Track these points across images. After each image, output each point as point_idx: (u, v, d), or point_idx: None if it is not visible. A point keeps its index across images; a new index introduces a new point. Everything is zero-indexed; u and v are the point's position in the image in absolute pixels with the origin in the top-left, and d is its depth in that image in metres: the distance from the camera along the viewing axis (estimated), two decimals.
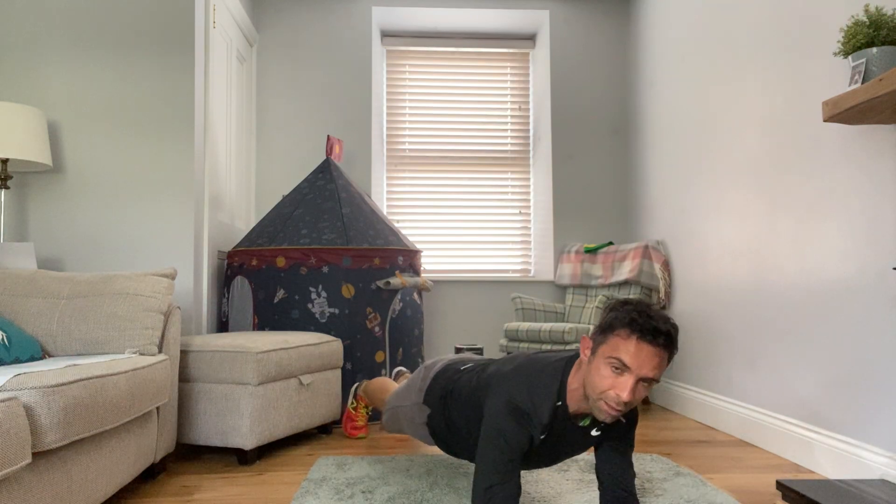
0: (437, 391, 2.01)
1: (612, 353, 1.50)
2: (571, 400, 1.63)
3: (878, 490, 1.88)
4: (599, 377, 1.52)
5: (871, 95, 1.78)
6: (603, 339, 1.53)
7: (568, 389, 1.63)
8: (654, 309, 1.52)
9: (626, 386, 1.48)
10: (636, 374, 1.48)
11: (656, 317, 1.49)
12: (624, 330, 1.49)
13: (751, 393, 2.85)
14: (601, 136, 4.43)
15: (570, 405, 1.63)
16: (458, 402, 1.90)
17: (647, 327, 1.47)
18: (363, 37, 4.36)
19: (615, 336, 1.50)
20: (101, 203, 3.03)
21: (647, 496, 2.05)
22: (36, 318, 2.21)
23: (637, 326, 1.48)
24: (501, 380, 1.70)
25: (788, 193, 2.59)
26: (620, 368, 1.49)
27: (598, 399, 1.53)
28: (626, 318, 1.50)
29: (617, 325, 1.51)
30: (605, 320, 1.55)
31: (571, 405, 1.63)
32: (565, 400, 1.63)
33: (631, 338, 1.48)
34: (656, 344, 1.48)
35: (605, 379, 1.51)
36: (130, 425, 2.00)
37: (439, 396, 1.99)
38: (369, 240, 3.32)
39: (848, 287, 2.25)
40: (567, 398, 1.63)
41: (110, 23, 3.07)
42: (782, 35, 2.64)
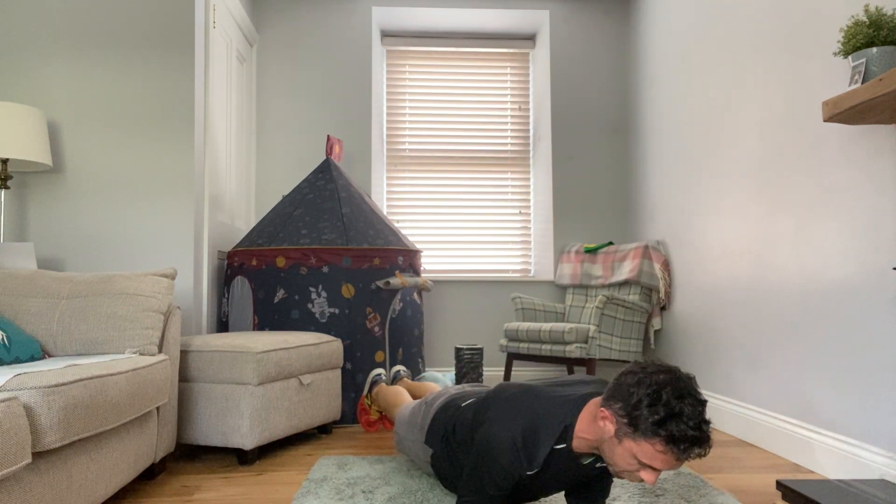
0: (438, 431, 1.94)
1: (643, 457, 1.39)
2: (578, 444, 1.54)
3: (878, 490, 1.88)
4: (624, 462, 1.43)
5: (871, 95, 1.78)
6: (633, 434, 1.39)
7: (575, 435, 1.54)
8: (688, 401, 1.36)
9: (652, 478, 1.41)
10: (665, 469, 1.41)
11: (692, 420, 1.34)
12: (659, 443, 1.36)
13: (751, 393, 2.85)
14: (601, 136, 4.43)
15: (575, 447, 1.55)
16: (460, 439, 1.83)
17: (685, 446, 1.34)
18: (363, 37, 4.36)
19: (648, 443, 1.37)
20: (101, 203, 3.03)
21: (647, 496, 2.05)
22: (36, 318, 2.21)
23: (678, 446, 1.35)
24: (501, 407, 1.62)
25: (788, 193, 2.59)
26: (650, 467, 1.41)
27: (618, 472, 1.47)
28: (661, 430, 1.35)
29: (649, 433, 1.36)
30: (631, 407, 1.38)
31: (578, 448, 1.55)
32: (570, 444, 1.54)
33: (668, 454, 1.37)
34: (693, 456, 1.38)
35: (631, 465, 1.43)
36: (130, 425, 2.00)
37: (441, 436, 1.92)
38: (369, 240, 3.32)
39: (848, 287, 2.25)
40: (573, 442, 1.54)
41: (110, 23, 3.07)
42: (782, 35, 2.64)
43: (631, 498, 2.03)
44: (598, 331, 3.49)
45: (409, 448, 2.16)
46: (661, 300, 3.74)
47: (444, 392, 2.07)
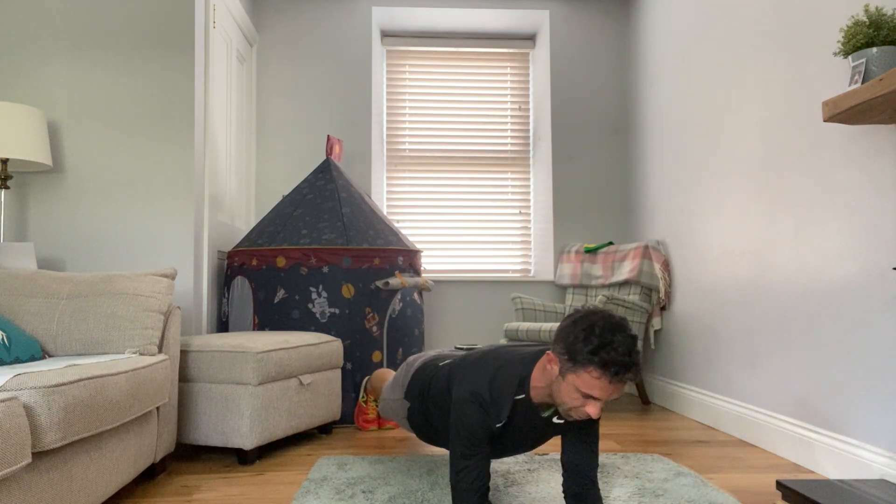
0: (416, 387, 2.11)
1: (582, 387, 1.56)
2: (535, 394, 1.71)
3: (878, 490, 1.88)
4: (569, 398, 1.59)
5: (871, 95, 1.78)
6: (571, 367, 1.57)
7: (532, 385, 1.71)
8: (618, 335, 1.53)
9: (596, 409, 1.57)
10: (604, 398, 1.57)
11: (621, 347, 1.52)
12: (594, 369, 1.53)
13: (751, 393, 2.85)
14: (601, 136, 4.43)
15: (534, 398, 1.72)
16: (434, 395, 2.00)
17: (617, 369, 1.52)
18: (363, 37, 4.36)
19: (585, 372, 1.54)
20: (101, 203, 3.03)
21: (647, 496, 2.05)
22: (36, 318, 2.21)
23: (607, 368, 1.52)
24: (466, 370, 1.80)
25: (788, 193, 2.59)
26: (590, 397, 1.57)
27: (567, 410, 1.62)
28: (595, 357, 1.52)
29: (585, 361, 1.53)
30: (570, 344, 1.57)
31: (536, 398, 1.72)
32: (528, 394, 1.72)
33: (602, 378, 1.53)
34: (624, 380, 1.55)
35: (575, 400, 1.59)
36: (130, 425, 2.00)
37: (418, 392, 2.09)
38: (369, 240, 3.32)
39: (848, 287, 2.25)
40: (531, 392, 1.72)
41: (110, 23, 3.07)
42: (782, 35, 2.64)
43: (631, 498, 2.03)
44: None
45: (390, 408, 2.29)
46: (661, 300, 3.74)
47: (424, 354, 2.25)
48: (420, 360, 2.20)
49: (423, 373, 2.11)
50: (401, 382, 2.22)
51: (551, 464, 2.44)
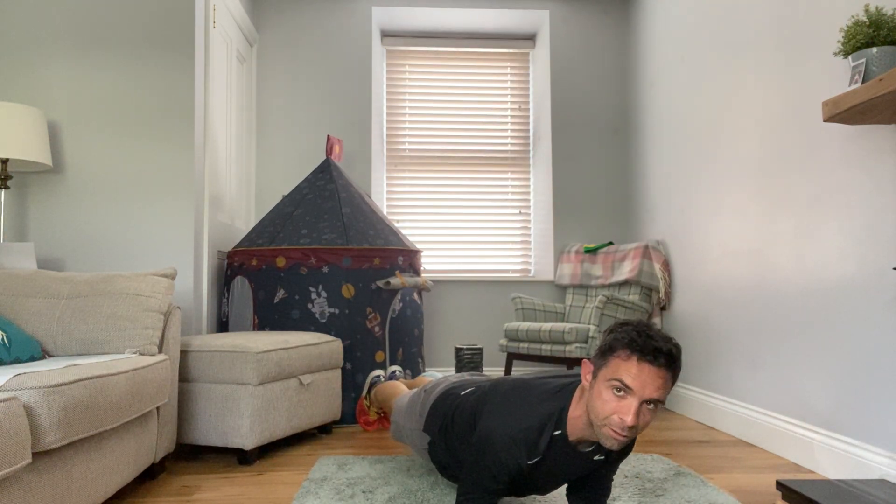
0: (436, 419, 1.95)
1: (612, 375, 1.45)
2: (573, 428, 1.58)
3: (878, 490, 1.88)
4: (602, 402, 1.47)
5: (871, 95, 1.78)
6: (603, 361, 1.49)
7: (570, 417, 1.58)
8: (655, 329, 1.48)
9: (629, 409, 1.43)
10: (639, 397, 1.43)
11: (657, 336, 1.45)
12: (624, 351, 1.45)
13: (751, 393, 2.85)
14: (601, 136, 4.43)
15: (571, 433, 1.58)
16: (459, 431, 1.85)
17: (647, 347, 1.43)
18: (363, 37, 4.36)
19: (615, 357, 1.46)
20: (101, 203, 3.03)
21: (648, 496, 2.05)
22: (36, 318, 2.21)
23: (637, 346, 1.43)
24: (496, 403, 1.66)
25: (788, 193, 2.59)
26: (623, 391, 1.44)
27: (602, 425, 1.48)
28: (625, 338, 1.45)
29: (617, 346, 1.46)
30: (604, 343, 1.51)
31: (573, 433, 1.58)
32: (565, 429, 1.59)
33: (631, 358, 1.43)
34: (658, 364, 1.43)
35: (608, 403, 1.45)
36: (130, 425, 2.00)
37: (439, 425, 1.94)
38: (369, 240, 3.32)
39: (848, 287, 2.25)
40: (568, 427, 1.58)
41: (110, 23, 3.07)
42: (782, 35, 2.64)
43: (631, 498, 2.03)
44: (598, 331, 3.49)
45: (406, 436, 2.15)
46: (661, 300, 3.74)
47: (444, 380, 2.07)
48: (440, 387, 2.03)
49: (445, 403, 1.94)
50: (418, 412, 2.05)
51: None
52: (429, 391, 2.06)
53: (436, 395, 2.00)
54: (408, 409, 2.15)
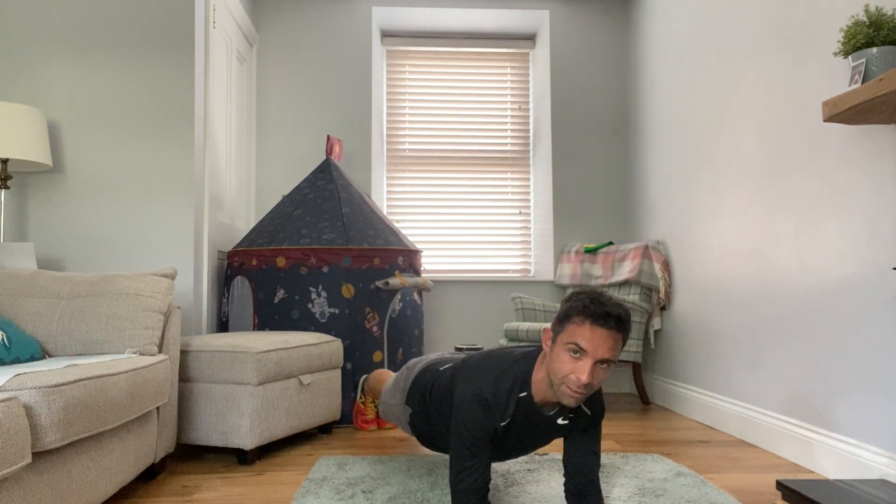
0: (417, 393, 2.09)
1: (568, 339, 1.60)
2: (537, 390, 1.73)
3: (878, 490, 1.88)
4: (560, 363, 1.62)
5: (871, 95, 1.78)
6: (561, 327, 1.64)
7: (533, 380, 1.73)
8: (607, 296, 1.63)
9: (584, 369, 1.59)
10: (593, 357, 1.58)
11: (608, 302, 1.60)
12: (578, 317, 1.60)
13: (751, 393, 2.85)
14: (601, 136, 4.43)
15: (535, 395, 1.73)
16: (436, 400, 2.00)
17: (599, 312, 1.58)
18: (363, 37, 4.36)
19: (571, 323, 1.61)
20: (101, 203, 3.03)
21: (648, 496, 2.05)
22: (36, 318, 2.21)
23: (589, 312, 1.58)
24: (468, 372, 1.81)
25: (788, 193, 2.59)
26: (578, 352, 1.59)
27: (560, 384, 1.63)
28: (579, 305, 1.61)
29: (572, 313, 1.61)
30: (561, 310, 1.66)
31: (537, 395, 1.73)
32: (530, 391, 1.73)
33: (585, 323, 1.59)
34: (609, 327, 1.58)
35: (565, 364, 1.61)
36: (130, 425, 2.00)
37: (419, 397, 2.08)
38: (369, 240, 3.32)
39: (848, 287, 2.25)
40: (532, 388, 1.73)
41: (110, 23, 3.07)
42: (782, 35, 2.64)
43: (631, 498, 2.03)
44: None
45: (392, 412, 2.27)
46: (661, 300, 3.74)
47: (424, 359, 2.23)
48: (420, 364, 2.18)
49: (424, 377, 2.09)
50: (401, 387, 2.19)
51: (551, 464, 2.44)
52: (410, 368, 2.21)
53: (417, 371, 2.15)
54: (393, 386, 2.29)
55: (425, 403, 2.05)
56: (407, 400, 2.14)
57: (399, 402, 2.19)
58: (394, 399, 2.24)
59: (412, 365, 2.22)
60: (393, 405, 2.25)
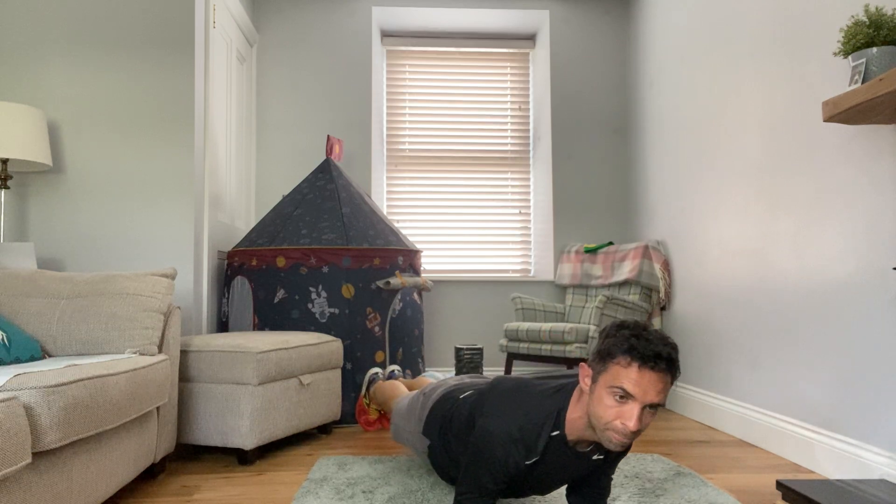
0: (435, 423, 1.96)
1: (613, 382, 1.44)
2: (571, 429, 1.58)
3: (878, 490, 1.88)
4: (603, 407, 1.46)
5: (871, 95, 1.78)
6: (602, 367, 1.48)
7: (568, 419, 1.58)
8: (652, 331, 1.46)
9: (632, 415, 1.43)
10: (641, 402, 1.43)
11: (655, 340, 1.44)
12: (624, 357, 1.43)
13: (751, 393, 2.85)
14: (601, 136, 4.43)
15: (569, 434, 1.59)
16: (456, 431, 1.86)
17: (647, 353, 1.41)
18: (363, 37, 4.36)
19: (615, 364, 1.45)
20: (101, 203, 3.03)
21: (647, 496, 2.05)
22: (36, 318, 2.21)
23: (637, 354, 1.42)
24: (494, 403, 1.66)
25: (788, 193, 2.59)
26: (625, 397, 1.44)
27: (605, 429, 1.47)
28: (624, 344, 1.44)
29: (616, 351, 1.45)
30: (602, 346, 1.49)
31: (571, 434, 1.59)
32: (563, 430, 1.59)
33: (632, 366, 1.42)
34: (659, 369, 1.42)
35: (610, 409, 1.45)
36: (130, 425, 2.00)
37: (438, 428, 1.94)
38: (369, 240, 3.32)
39: (848, 287, 2.25)
40: (566, 428, 1.59)
41: (110, 23, 3.07)
42: (782, 35, 2.64)
43: (631, 498, 2.03)
44: (598, 331, 3.49)
45: (406, 438, 2.17)
46: (661, 300, 3.74)
47: (443, 383, 2.08)
48: (439, 390, 2.03)
49: (443, 406, 1.95)
50: (417, 415, 2.07)
51: None
52: (427, 394, 2.07)
53: (435, 399, 2.01)
54: (407, 411, 2.16)
55: (445, 436, 1.91)
56: (424, 430, 2.00)
57: (415, 431, 2.06)
58: (408, 425, 2.12)
59: (430, 391, 2.08)
60: (408, 432, 2.12)
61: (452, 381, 2.10)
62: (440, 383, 2.09)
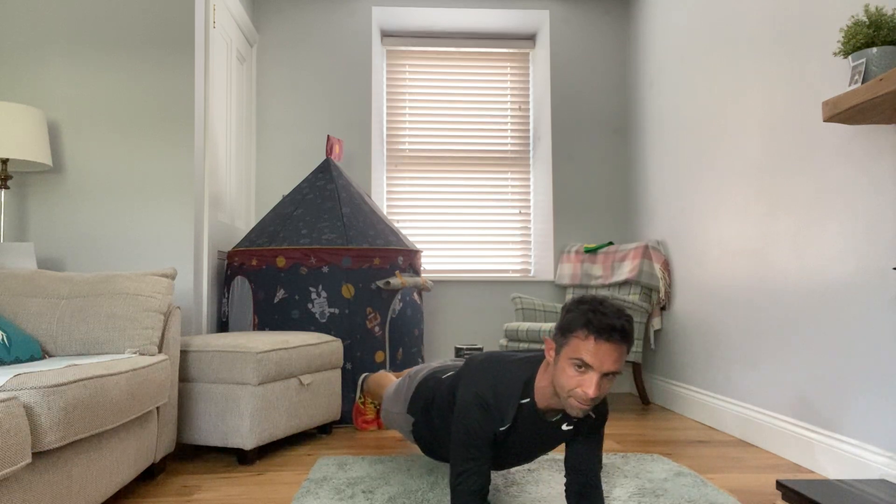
0: (419, 401, 2.08)
1: (573, 354, 1.56)
2: (540, 397, 1.70)
3: (878, 490, 1.88)
4: (566, 377, 1.58)
5: (871, 95, 1.78)
6: (564, 340, 1.60)
7: (536, 387, 1.71)
8: (609, 304, 1.58)
9: (591, 383, 1.55)
10: (599, 371, 1.55)
11: (610, 313, 1.55)
12: (581, 331, 1.55)
13: (751, 393, 2.85)
14: (601, 136, 4.44)
15: (539, 402, 1.71)
16: (438, 408, 1.97)
17: (602, 326, 1.53)
18: (363, 37, 4.36)
19: (574, 337, 1.57)
20: (101, 203, 3.04)
21: (647, 496, 2.05)
22: (36, 318, 2.21)
23: (593, 327, 1.54)
24: (469, 374, 1.78)
25: (788, 193, 2.59)
26: (583, 367, 1.56)
27: (567, 397, 1.60)
28: (581, 318, 1.56)
29: (574, 326, 1.57)
30: (563, 321, 1.61)
31: (541, 402, 1.71)
32: (533, 397, 1.71)
33: (589, 338, 1.54)
34: (613, 340, 1.54)
35: (571, 378, 1.57)
36: (130, 425, 2.00)
37: (422, 407, 2.06)
38: (369, 240, 3.32)
39: (848, 287, 2.25)
40: (535, 395, 1.71)
41: (110, 23, 3.07)
42: (782, 35, 2.64)
43: (631, 498, 2.03)
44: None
45: (394, 419, 2.26)
46: (661, 300, 3.74)
47: (426, 366, 2.21)
48: (423, 372, 2.16)
49: (427, 385, 2.07)
50: (403, 396, 2.18)
51: (551, 464, 2.44)
52: (412, 377, 2.19)
53: (418, 380, 2.14)
54: (395, 394, 2.27)
55: (428, 413, 2.03)
56: (409, 409, 2.12)
57: (401, 411, 2.18)
58: (396, 407, 2.23)
59: (414, 373, 2.20)
60: (395, 413, 2.23)
61: (435, 363, 2.23)
62: (424, 366, 2.23)
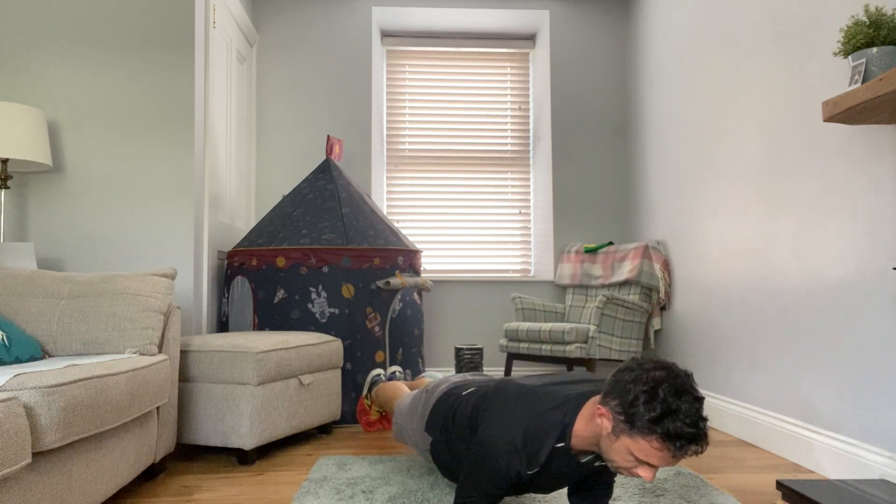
0: (438, 420, 1.95)
1: (639, 454, 1.39)
2: (576, 442, 1.55)
3: (878, 490, 1.88)
4: (622, 459, 1.44)
5: (871, 95, 1.78)
6: (629, 432, 1.40)
7: (574, 432, 1.55)
8: (685, 398, 1.36)
9: (650, 474, 1.41)
10: (661, 466, 1.41)
11: (689, 417, 1.34)
12: (656, 440, 1.36)
13: (751, 393, 2.85)
14: (601, 136, 4.43)
15: (574, 446, 1.56)
16: (459, 430, 1.85)
17: (683, 442, 1.34)
18: (363, 37, 4.36)
19: (644, 441, 1.38)
20: (101, 203, 3.03)
21: (647, 496, 2.05)
22: (36, 318, 2.21)
23: (674, 442, 1.35)
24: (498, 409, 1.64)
25: (788, 193, 2.59)
26: (646, 464, 1.42)
27: (615, 466, 1.47)
28: (657, 427, 1.35)
29: (646, 430, 1.36)
30: (628, 404, 1.39)
31: (576, 446, 1.56)
32: (569, 442, 1.56)
33: (665, 451, 1.37)
34: (690, 452, 1.37)
35: (627, 462, 1.43)
36: (130, 425, 2.00)
37: (440, 425, 1.94)
38: (369, 240, 3.32)
39: (848, 287, 2.25)
40: (571, 441, 1.56)
41: (110, 23, 3.07)
42: (782, 35, 2.64)
43: (631, 498, 2.03)
44: (598, 331, 3.49)
45: (408, 436, 2.15)
46: (661, 300, 3.74)
47: (445, 380, 2.07)
48: (441, 387, 2.03)
49: (446, 402, 1.94)
50: (420, 412, 2.06)
51: None
52: (430, 391, 2.07)
53: (437, 396, 2.01)
54: (409, 409, 2.16)
55: (447, 432, 1.89)
56: (427, 427, 1.99)
57: (417, 428, 2.05)
58: (411, 423, 2.11)
59: (432, 388, 2.07)
60: (410, 430, 2.11)
61: (455, 377, 2.09)
62: (442, 380, 2.08)
